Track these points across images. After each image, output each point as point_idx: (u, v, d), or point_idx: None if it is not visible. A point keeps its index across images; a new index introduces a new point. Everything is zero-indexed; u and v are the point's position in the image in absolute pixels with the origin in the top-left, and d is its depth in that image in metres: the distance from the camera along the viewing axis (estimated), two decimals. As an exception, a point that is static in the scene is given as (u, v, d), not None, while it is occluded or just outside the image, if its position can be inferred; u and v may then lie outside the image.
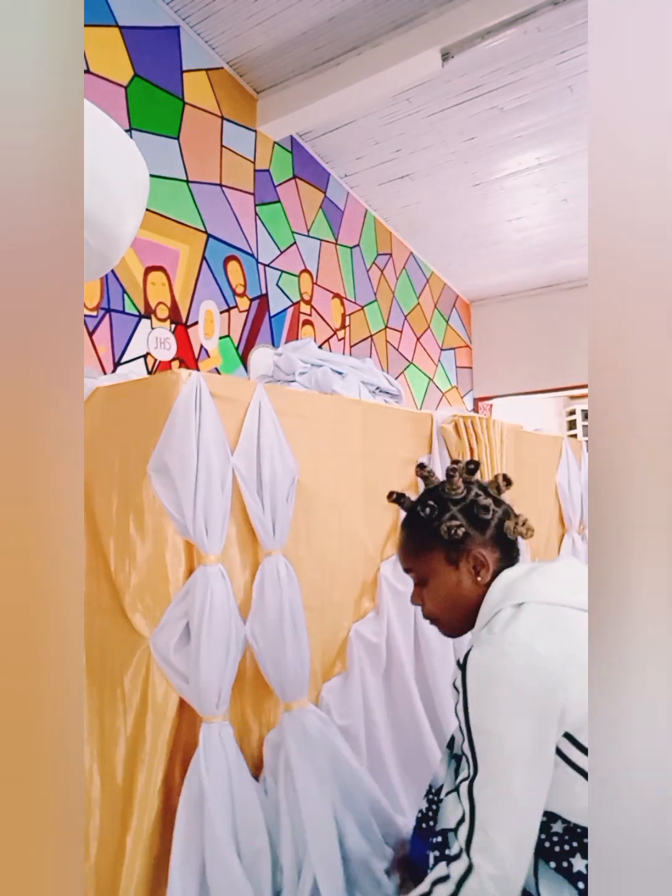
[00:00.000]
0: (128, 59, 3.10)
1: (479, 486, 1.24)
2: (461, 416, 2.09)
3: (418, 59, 3.19)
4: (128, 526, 1.42)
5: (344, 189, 4.51)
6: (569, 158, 4.05)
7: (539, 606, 1.08)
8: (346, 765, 1.46)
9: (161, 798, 1.33)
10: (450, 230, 4.90)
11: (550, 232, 4.83)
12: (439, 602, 1.21)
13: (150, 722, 1.35)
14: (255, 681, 1.48)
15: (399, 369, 4.96)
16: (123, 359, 2.99)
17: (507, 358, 5.79)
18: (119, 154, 1.49)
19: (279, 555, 1.48)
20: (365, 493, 1.79)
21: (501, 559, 1.19)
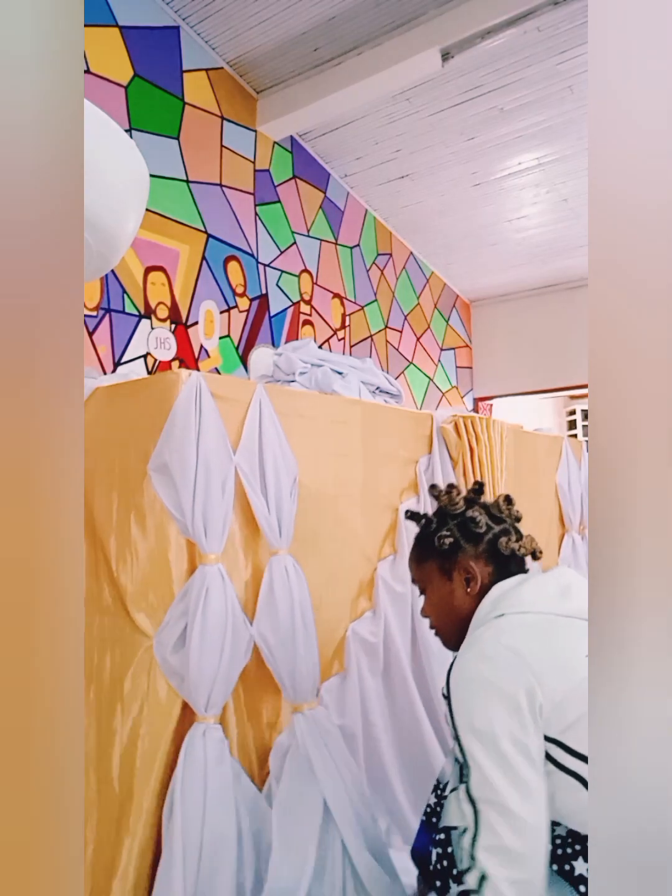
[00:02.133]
0: (128, 59, 3.10)
1: (481, 504, 1.30)
2: (461, 416, 2.09)
3: (418, 59, 3.19)
4: (129, 526, 1.42)
5: (344, 189, 4.51)
6: (569, 158, 4.05)
7: (523, 616, 1.11)
8: (353, 768, 1.46)
9: (159, 801, 1.32)
10: (450, 230, 4.90)
11: (550, 232, 4.83)
12: (436, 612, 1.27)
13: (151, 722, 1.35)
14: (259, 683, 1.47)
15: (399, 369, 4.96)
16: (123, 359, 2.99)
17: (507, 358, 5.78)
18: (119, 154, 1.49)
19: (286, 554, 1.48)
20: (364, 493, 1.79)
21: (495, 573, 1.22)
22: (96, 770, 1.40)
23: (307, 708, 1.44)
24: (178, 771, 1.29)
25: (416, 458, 1.98)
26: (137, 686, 1.38)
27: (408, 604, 1.82)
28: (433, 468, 2.00)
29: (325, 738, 1.42)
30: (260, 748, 1.47)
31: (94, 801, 1.38)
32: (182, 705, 1.36)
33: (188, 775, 1.29)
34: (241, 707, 1.45)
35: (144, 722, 1.36)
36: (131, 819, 1.31)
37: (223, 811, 1.29)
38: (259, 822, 1.35)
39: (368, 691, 1.67)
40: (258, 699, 1.49)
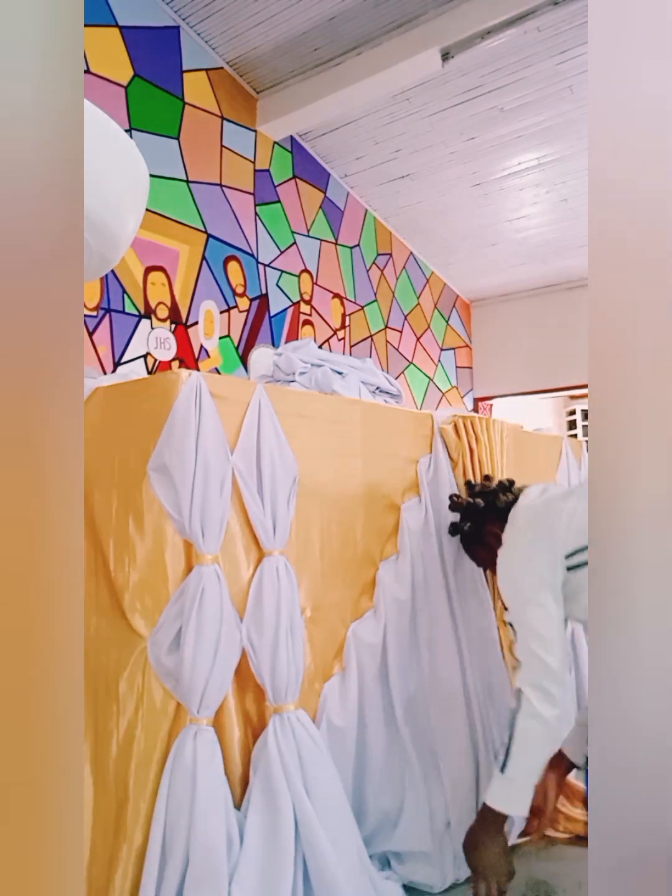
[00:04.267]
0: (128, 59, 3.10)
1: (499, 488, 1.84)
2: (461, 416, 2.08)
3: (418, 59, 3.19)
4: (127, 526, 1.42)
5: (344, 189, 4.51)
6: (569, 158, 4.05)
7: (525, 510, 1.62)
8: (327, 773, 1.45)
9: (155, 803, 1.32)
10: (450, 230, 4.90)
11: (550, 232, 4.83)
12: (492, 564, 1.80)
13: (147, 724, 1.35)
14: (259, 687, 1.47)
15: (399, 369, 4.96)
16: (123, 359, 3.00)
17: (507, 358, 5.78)
18: (119, 154, 1.49)
19: (279, 555, 1.48)
20: (365, 493, 1.79)
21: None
22: (93, 772, 1.39)
23: (286, 711, 1.43)
24: (167, 773, 1.29)
25: (417, 458, 1.98)
26: (133, 688, 1.38)
27: (408, 605, 1.82)
28: (434, 468, 2.00)
29: (299, 742, 1.40)
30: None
31: (92, 803, 1.38)
32: (177, 707, 1.36)
33: (176, 777, 1.28)
34: (239, 710, 1.44)
35: (140, 724, 1.35)
36: (128, 821, 1.31)
37: (212, 814, 1.28)
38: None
39: (367, 691, 1.66)
40: (258, 702, 1.48)
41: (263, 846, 1.32)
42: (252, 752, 1.42)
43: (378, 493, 1.83)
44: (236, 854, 1.30)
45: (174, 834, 1.26)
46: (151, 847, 1.26)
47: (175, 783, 1.28)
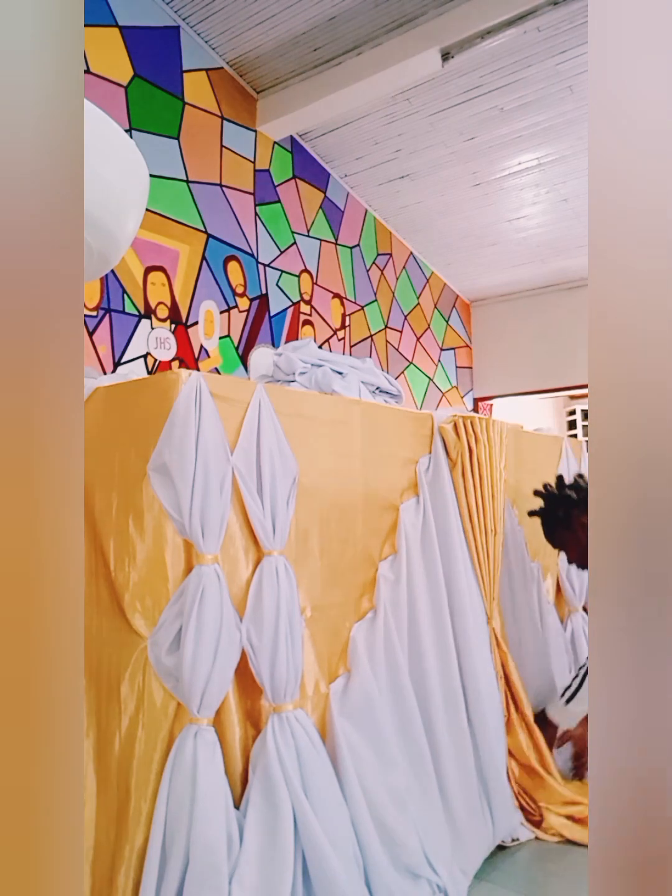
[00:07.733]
0: (128, 59, 3.10)
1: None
2: (461, 416, 2.08)
3: (418, 59, 3.19)
4: (127, 525, 1.42)
5: (344, 189, 4.51)
6: (569, 158, 4.05)
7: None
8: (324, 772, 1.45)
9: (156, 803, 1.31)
10: (450, 230, 4.90)
11: (550, 232, 4.83)
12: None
13: (148, 724, 1.35)
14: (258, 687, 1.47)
15: (399, 369, 4.96)
16: (123, 359, 3.00)
17: (507, 358, 5.78)
18: (119, 154, 1.49)
19: (278, 555, 1.48)
20: (365, 493, 1.79)
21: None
22: (97, 772, 1.39)
23: (285, 710, 1.43)
24: (167, 772, 1.29)
25: (416, 458, 1.98)
26: (134, 688, 1.38)
27: (406, 605, 1.82)
28: (433, 468, 2.00)
29: (297, 742, 1.40)
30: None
31: (95, 803, 1.38)
32: (177, 707, 1.36)
33: (176, 777, 1.28)
34: (239, 710, 1.44)
35: (141, 724, 1.35)
36: (130, 821, 1.31)
37: (213, 814, 1.27)
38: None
39: (372, 691, 1.66)
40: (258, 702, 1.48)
41: (263, 845, 1.32)
42: (251, 754, 1.42)
43: (377, 493, 1.83)
44: (236, 853, 1.29)
45: (174, 833, 1.26)
46: (152, 846, 1.26)
47: (175, 783, 1.28)
